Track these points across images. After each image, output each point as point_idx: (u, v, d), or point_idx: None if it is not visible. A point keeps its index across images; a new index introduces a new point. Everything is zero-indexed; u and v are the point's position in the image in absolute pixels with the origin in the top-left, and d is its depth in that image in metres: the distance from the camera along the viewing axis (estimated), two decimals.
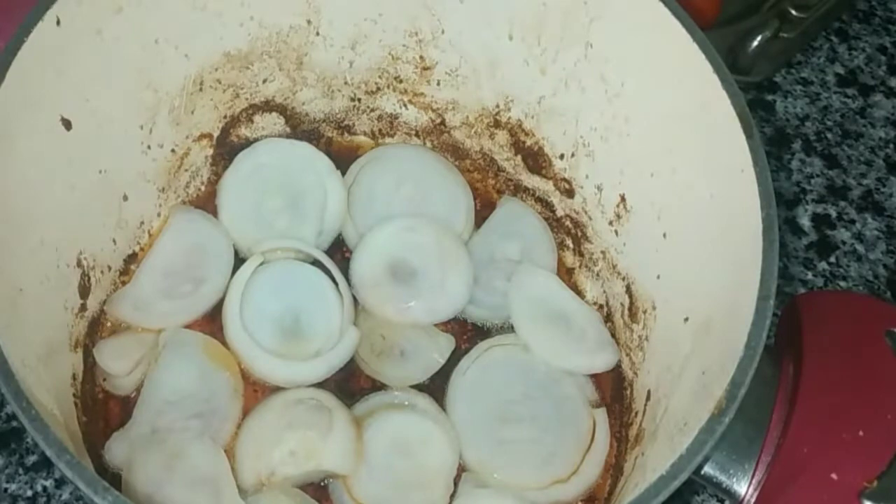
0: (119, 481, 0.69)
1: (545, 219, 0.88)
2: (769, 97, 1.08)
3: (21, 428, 0.80)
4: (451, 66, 0.85)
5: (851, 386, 0.65)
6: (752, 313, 0.57)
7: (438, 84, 0.87)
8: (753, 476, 0.63)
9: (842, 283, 0.96)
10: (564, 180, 0.85)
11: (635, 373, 0.78)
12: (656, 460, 0.62)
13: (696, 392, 0.62)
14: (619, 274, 0.81)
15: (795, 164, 1.03)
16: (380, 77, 0.88)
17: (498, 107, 0.86)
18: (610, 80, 0.75)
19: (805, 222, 1.00)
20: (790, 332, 0.70)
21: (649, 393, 0.74)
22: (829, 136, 1.06)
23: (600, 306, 0.84)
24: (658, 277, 0.76)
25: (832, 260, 0.98)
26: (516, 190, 0.89)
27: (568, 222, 0.86)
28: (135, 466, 0.69)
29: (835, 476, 0.62)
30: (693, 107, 0.68)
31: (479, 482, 0.74)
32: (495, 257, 0.85)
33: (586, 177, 0.83)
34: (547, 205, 0.88)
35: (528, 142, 0.86)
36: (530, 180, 0.88)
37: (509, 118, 0.86)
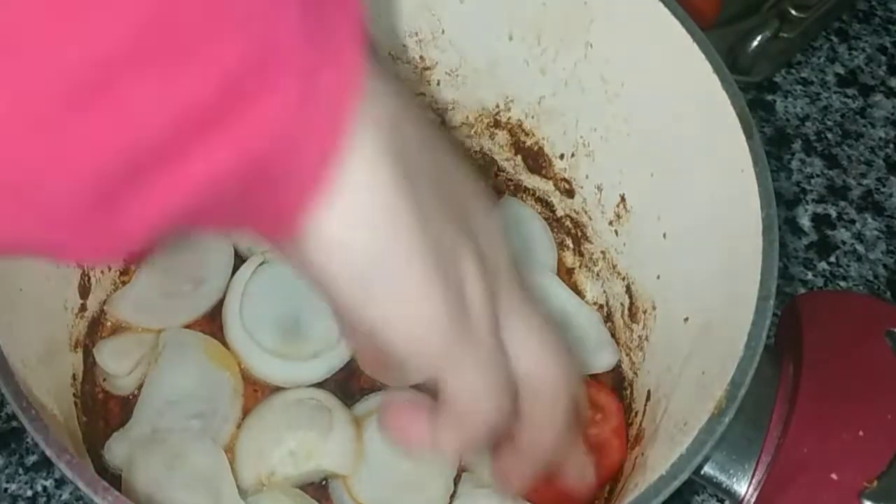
0: (119, 481, 0.69)
1: (545, 219, 0.88)
2: (769, 97, 1.08)
3: (21, 428, 0.80)
4: (451, 66, 0.85)
5: (851, 386, 0.65)
6: (752, 313, 0.57)
7: (438, 84, 0.87)
8: (753, 476, 0.63)
9: (842, 283, 0.96)
10: (564, 180, 0.85)
11: (635, 373, 0.78)
12: (656, 460, 0.62)
13: (696, 392, 0.62)
14: (619, 274, 0.81)
15: (795, 164, 1.03)
16: None
17: (498, 107, 0.86)
18: (610, 80, 0.75)
19: (805, 222, 1.00)
20: (790, 332, 0.70)
21: (649, 393, 0.74)
22: (829, 136, 1.06)
23: (600, 306, 0.84)
24: (658, 277, 0.76)
25: (832, 260, 0.98)
26: (516, 190, 0.89)
27: (568, 222, 0.86)
28: (135, 466, 0.69)
29: (835, 476, 0.62)
30: (693, 107, 0.68)
31: (479, 482, 0.74)
32: None
33: (586, 177, 0.83)
34: (547, 205, 0.88)
35: (528, 142, 0.86)
36: (530, 180, 0.88)
37: (509, 118, 0.86)
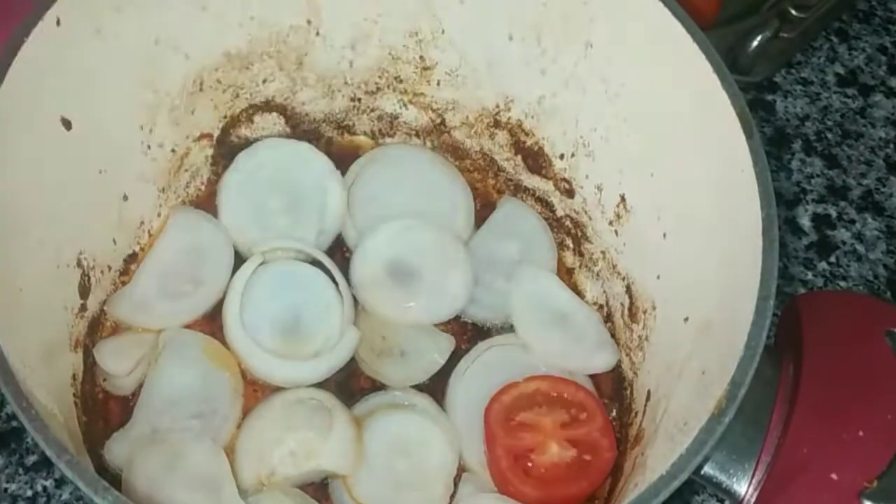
0: (119, 481, 0.69)
1: (545, 219, 0.88)
2: (769, 97, 1.08)
3: (21, 428, 0.80)
4: (451, 66, 0.85)
5: (851, 386, 0.65)
6: (752, 313, 0.57)
7: (438, 84, 0.87)
8: (753, 476, 0.63)
9: (842, 283, 0.96)
10: (564, 180, 0.85)
11: (635, 373, 0.78)
12: (656, 460, 0.62)
13: (696, 392, 0.62)
14: (619, 274, 0.81)
15: (795, 164, 1.03)
16: (380, 77, 0.88)
17: (498, 107, 0.86)
18: (610, 80, 0.75)
19: (805, 222, 1.00)
20: (790, 332, 0.70)
21: (649, 393, 0.74)
22: (829, 136, 1.06)
23: (600, 306, 0.84)
24: (658, 277, 0.76)
25: (832, 260, 0.98)
26: (516, 190, 0.89)
27: (568, 222, 0.86)
28: (135, 466, 0.69)
29: (835, 476, 0.62)
30: (693, 107, 0.68)
31: (479, 482, 0.74)
32: (495, 257, 0.85)
33: (586, 177, 0.83)
34: (547, 205, 0.88)
35: (528, 142, 0.86)
36: (530, 180, 0.88)
37: (509, 118, 0.86)
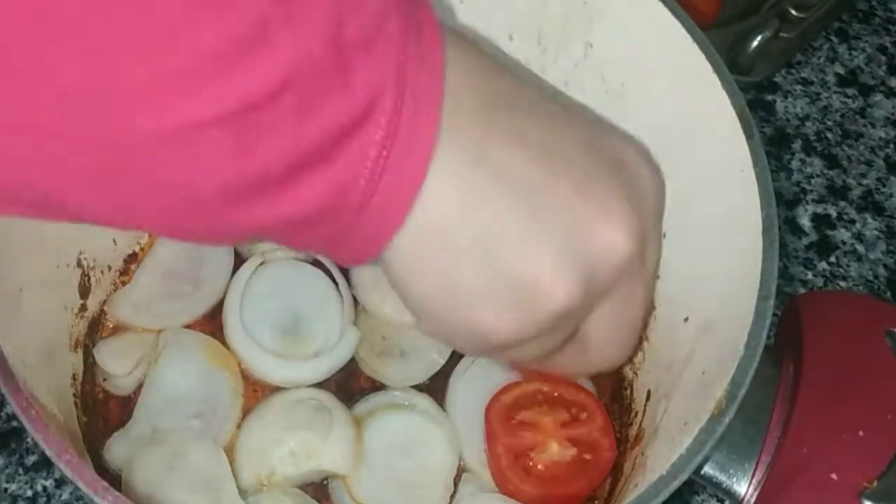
0: (119, 481, 0.69)
1: None
2: (769, 97, 1.08)
3: (21, 428, 0.80)
4: None
5: (851, 386, 0.65)
6: (752, 313, 0.57)
7: None
8: (753, 476, 0.63)
9: (842, 283, 0.96)
10: None
11: (635, 373, 0.78)
12: (656, 460, 0.62)
13: (696, 392, 0.62)
14: None
15: (795, 164, 1.03)
16: None
17: None
18: (610, 80, 0.75)
19: (805, 222, 1.00)
20: (790, 332, 0.70)
21: (649, 393, 0.74)
22: (829, 136, 1.06)
23: None
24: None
25: (832, 260, 0.98)
26: None
27: None
28: (135, 466, 0.69)
29: (835, 476, 0.62)
30: (693, 107, 0.68)
31: (480, 483, 0.74)
32: None
33: None
34: None
35: None
36: None
37: None
